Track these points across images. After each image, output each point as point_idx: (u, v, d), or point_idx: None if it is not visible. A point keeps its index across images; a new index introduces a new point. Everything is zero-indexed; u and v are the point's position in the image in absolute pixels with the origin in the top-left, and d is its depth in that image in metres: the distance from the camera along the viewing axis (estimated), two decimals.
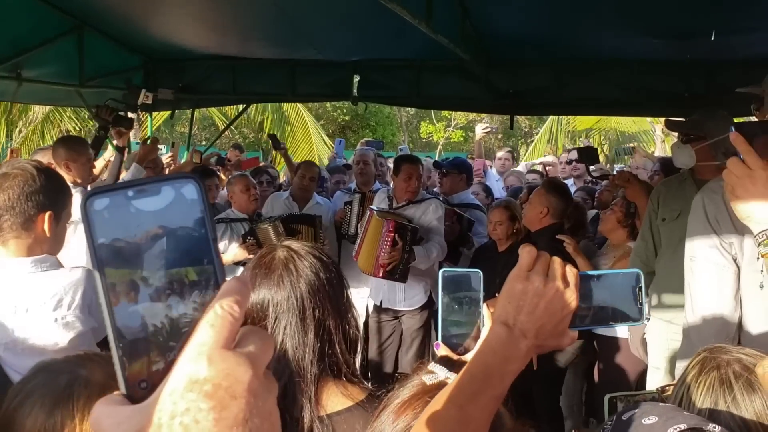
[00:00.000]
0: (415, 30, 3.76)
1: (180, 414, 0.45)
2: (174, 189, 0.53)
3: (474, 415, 0.92)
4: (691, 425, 0.99)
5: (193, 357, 0.47)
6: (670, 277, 3.42)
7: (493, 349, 0.94)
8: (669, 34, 4.31)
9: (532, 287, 0.94)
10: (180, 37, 5.33)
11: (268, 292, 1.51)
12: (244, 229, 4.61)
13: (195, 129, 15.30)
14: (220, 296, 0.50)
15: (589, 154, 4.71)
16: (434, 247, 4.49)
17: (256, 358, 0.49)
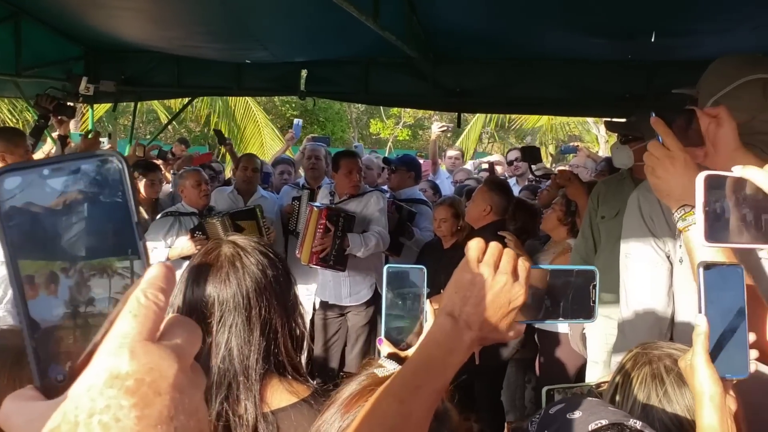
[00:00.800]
0: (363, 27, 3.76)
1: (99, 412, 0.42)
2: (94, 167, 0.49)
3: (415, 408, 0.90)
4: (612, 421, 1.01)
5: (114, 350, 0.44)
6: (609, 274, 3.46)
7: (437, 341, 0.93)
8: (611, 35, 4.41)
9: (480, 278, 0.92)
10: (122, 30, 5.20)
11: (214, 289, 1.49)
12: (193, 223, 4.56)
13: (139, 122, 14.99)
14: (144, 284, 0.47)
15: (532, 154, 4.79)
16: (372, 236, 4.50)
17: (183, 351, 0.47)
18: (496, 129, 20.36)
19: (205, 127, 17.55)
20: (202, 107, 15.76)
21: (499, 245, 0.96)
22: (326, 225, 4.38)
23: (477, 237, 0.97)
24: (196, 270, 1.53)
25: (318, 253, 4.42)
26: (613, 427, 1.01)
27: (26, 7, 4.84)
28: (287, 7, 4.36)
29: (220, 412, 1.43)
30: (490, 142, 22.93)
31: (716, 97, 1.94)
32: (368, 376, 1.14)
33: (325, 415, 1.13)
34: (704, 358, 1.15)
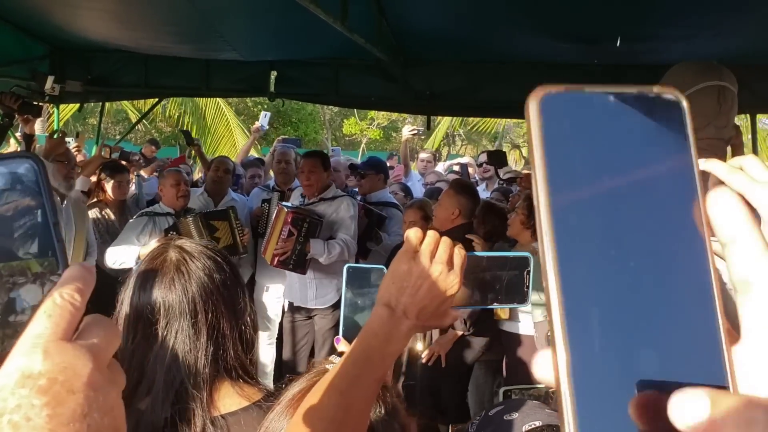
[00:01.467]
0: (333, 28, 3.75)
1: (10, 411, 0.42)
2: (8, 169, 0.49)
3: (355, 399, 0.92)
4: (546, 422, 1.03)
5: (27, 350, 0.44)
6: None
7: (375, 331, 0.94)
8: (577, 39, 4.46)
9: (416, 269, 0.94)
10: (89, 29, 5.13)
11: (160, 294, 1.48)
12: (168, 223, 4.53)
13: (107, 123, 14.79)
14: (61, 284, 0.47)
15: (498, 158, 4.82)
16: (338, 244, 4.50)
17: (99, 350, 0.47)
18: (464, 130, 20.50)
19: (175, 127, 17.39)
20: (172, 108, 15.62)
21: (436, 234, 0.98)
22: (290, 229, 4.40)
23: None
24: (142, 275, 1.52)
25: (279, 255, 4.44)
26: (547, 429, 1.02)
27: None
28: (255, 8, 4.34)
29: (167, 418, 1.42)
30: (463, 144, 23.07)
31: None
32: (317, 374, 1.14)
33: (272, 414, 1.13)
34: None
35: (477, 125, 17.84)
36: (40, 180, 0.49)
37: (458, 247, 0.98)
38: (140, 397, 1.46)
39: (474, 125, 17.84)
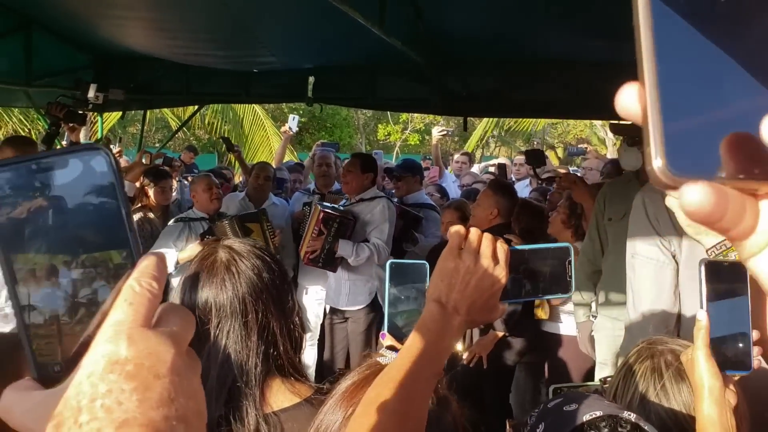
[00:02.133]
0: (370, 32, 3.77)
1: (101, 396, 0.43)
2: (82, 161, 0.49)
3: (415, 392, 0.94)
4: (607, 413, 1.03)
5: (112, 337, 0.46)
6: (616, 276, 3.50)
7: (428, 327, 0.97)
8: (615, 36, 4.40)
9: (463, 265, 0.98)
10: (131, 38, 5.24)
11: (211, 295, 1.51)
12: (203, 228, 4.59)
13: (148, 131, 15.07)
14: (137, 273, 0.48)
15: (536, 157, 4.79)
16: (367, 248, 4.55)
17: (178, 337, 0.48)
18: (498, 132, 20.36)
19: (213, 134, 17.61)
20: (210, 116, 15.83)
21: (478, 231, 1.01)
22: (320, 228, 4.48)
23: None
24: (192, 276, 1.55)
25: (309, 253, 4.53)
26: (607, 419, 1.02)
27: (36, 17, 4.89)
28: (294, 14, 4.39)
29: (221, 417, 1.45)
30: (497, 146, 22.93)
31: None
32: (369, 366, 1.16)
33: (325, 408, 1.15)
34: (704, 353, 1.16)
35: (511, 126, 17.70)
36: (112, 171, 0.50)
37: (500, 241, 1.02)
38: None
39: (508, 126, 17.70)
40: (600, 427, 1.02)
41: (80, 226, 0.49)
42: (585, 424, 1.03)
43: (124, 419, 0.43)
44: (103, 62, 5.82)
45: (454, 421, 1.14)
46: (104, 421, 0.43)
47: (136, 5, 4.43)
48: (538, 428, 1.09)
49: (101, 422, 0.43)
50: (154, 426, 0.43)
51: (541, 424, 1.09)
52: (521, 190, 6.20)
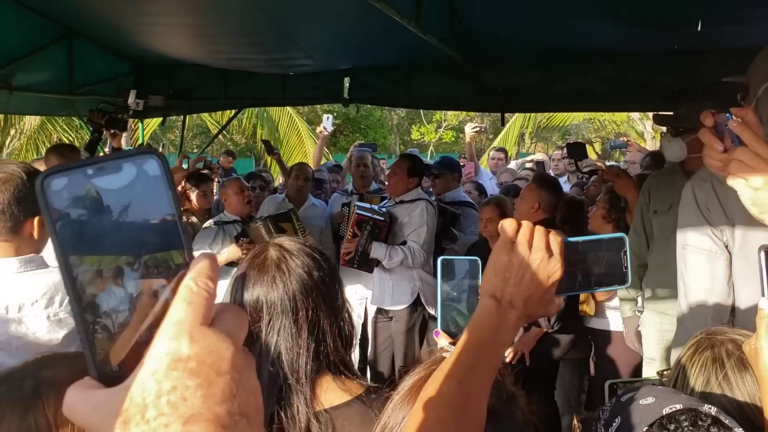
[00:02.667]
0: (405, 31, 3.77)
1: (166, 393, 0.45)
2: (135, 165, 0.51)
3: (473, 387, 0.94)
4: (687, 406, 1.00)
5: (173, 335, 0.47)
6: (663, 269, 3.44)
7: (484, 322, 0.96)
8: (655, 25, 4.33)
9: (517, 258, 0.96)
10: (170, 45, 5.32)
11: (262, 293, 1.52)
12: (236, 230, 4.64)
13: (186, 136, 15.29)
14: (193, 273, 0.50)
15: (578, 150, 4.73)
16: (402, 251, 4.56)
17: (235, 335, 0.49)
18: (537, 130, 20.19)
19: (250, 139, 17.81)
20: (246, 120, 16.00)
21: (530, 224, 0.99)
22: (354, 230, 4.52)
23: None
24: (243, 275, 1.56)
25: (344, 255, 4.58)
26: (687, 412, 1.00)
27: (77, 27, 4.99)
28: (329, 15, 4.40)
29: (272, 415, 1.45)
30: (533, 142, 22.73)
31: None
32: (434, 362, 1.16)
33: (391, 405, 1.15)
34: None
35: (547, 122, 17.51)
36: (164, 173, 0.51)
37: (553, 233, 0.99)
38: None
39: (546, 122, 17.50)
40: (680, 420, 1.00)
41: (135, 229, 0.51)
42: (664, 418, 1.00)
43: (190, 414, 0.44)
44: (142, 69, 5.92)
45: (523, 417, 1.13)
46: (171, 416, 0.44)
47: (175, 12, 4.50)
48: (614, 422, 1.07)
49: (168, 418, 0.44)
50: (220, 421, 0.44)
51: (616, 418, 1.07)
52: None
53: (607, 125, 19.30)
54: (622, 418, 1.06)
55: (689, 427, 0.99)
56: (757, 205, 1.25)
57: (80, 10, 4.67)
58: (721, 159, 1.25)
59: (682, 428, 0.99)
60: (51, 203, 0.48)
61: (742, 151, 1.23)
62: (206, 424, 0.44)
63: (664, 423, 1.01)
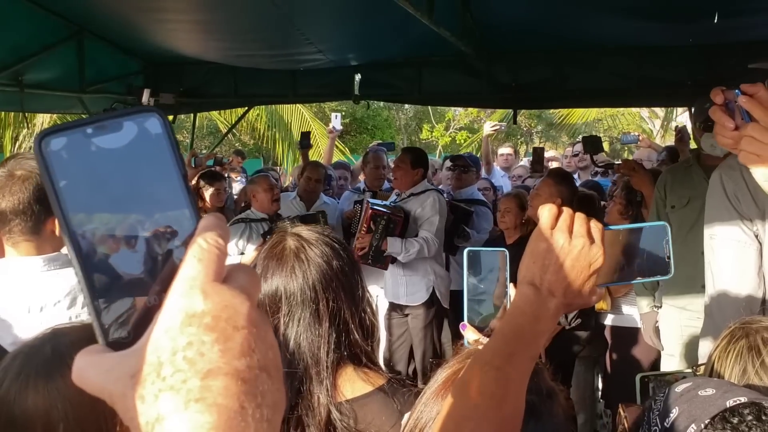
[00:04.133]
0: (416, 26, 3.74)
1: (182, 349, 0.43)
2: (136, 124, 0.49)
3: (512, 375, 0.90)
4: (751, 399, 0.96)
5: (186, 291, 0.45)
6: (682, 264, 3.38)
7: (522, 310, 0.93)
8: (670, 18, 4.28)
9: (556, 245, 0.92)
10: (180, 43, 5.31)
11: (281, 282, 1.49)
12: (263, 229, 4.61)
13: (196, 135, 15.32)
14: (201, 231, 0.48)
15: (594, 143, 4.69)
16: (417, 242, 4.52)
17: (249, 291, 0.48)
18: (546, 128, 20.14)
19: (259, 140, 17.81)
20: (257, 121, 16.00)
21: (569, 210, 0.95)
22: (369, 226, 4.47)
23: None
24: (262, 265, 1.54)
25: (358, 250, 4.51)
26: (751, 406, 0.96)
27: (88, 25, 4.99)
28: (340, 10, 4.38)
29: (293, 406, 1.43)
30: (541, 141, 22.66)
31: None
32: (468, 355, 1.12)
33: (423, 398, 1.12)
34: None
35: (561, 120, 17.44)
36: (166, 131, 0.50)
37: (594, 220, 0.95)
38: None
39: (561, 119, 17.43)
40: (744, 414, 0.96)
41: (140, 188, 0.49)
42: (727, 411, 0.97)
43: (208, 369, 0.43)
44: (153, 68, 5.91)
45: (564, 414, 1.10)
46: (189, 372, 0.43)
47: (185, 9, 4.49)
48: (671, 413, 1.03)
49: (186, 374, 0.42)
50: (239, 375, 0.43)
51: (674, 409, 1.03)
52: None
53: (618, 124, 19.22)
54: (680, 409, 1.02)
55: (753, 421, 0.95)
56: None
57: (91, 8, 4.67)
58: (732, 136, 1.23)
59: (746, 422, 0.96)
60: (50, 163, 0.47)
61: (753, 127, 1.21)
62: (225, 378, 0.43)
63: (726, 416, 0.97)
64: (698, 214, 2.70)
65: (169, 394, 0.42)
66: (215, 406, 0.42)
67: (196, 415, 0.42)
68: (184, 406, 0.42)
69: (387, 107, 22.15)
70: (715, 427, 0.97)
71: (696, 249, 2.60)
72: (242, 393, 0.43)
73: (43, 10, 4.56)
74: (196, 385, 0.42)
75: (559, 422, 1.08)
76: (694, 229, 3.07)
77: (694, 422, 0.98)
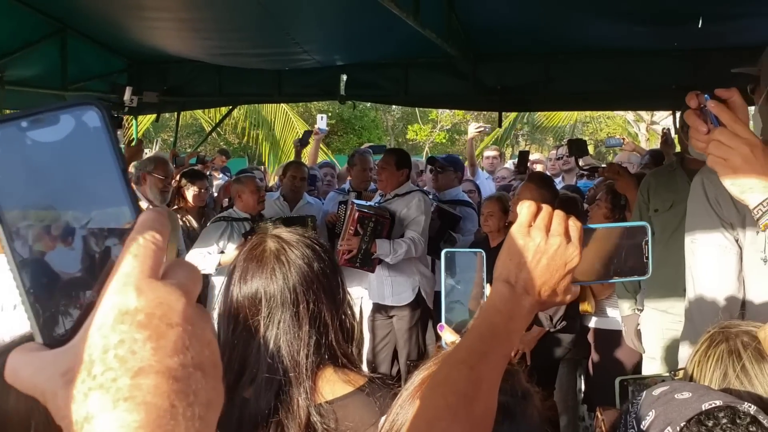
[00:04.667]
0: (402, 27, 3.73)
1: (113, 347, 0.43)
2: (74, 117, 0.48)
3: (485, 373, 0.90)
4: (726, 403, 0.97)
5: (120, 288, 0.45)
6: (664, 268, 3.40)
7: (497, 308, 0.92)
8: (655, 22, 4.30)
9: (533, 243, 0.92)
10: (164, 41, 5.28)
11: (261, 284, 1.48)
12: (245, 228, 4.59)
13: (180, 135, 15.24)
14: (139, 227, 0.47)
15: (579, 146, 4.70)
16: (404, 242, 4.49)
17: (187, 287, 0.47)
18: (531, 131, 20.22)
19: (242, 138, 17.74)
20: (241, 119, 15.94)
21: (548, 208, 0.95)
22: (356, 228, 4.43)
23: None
24: (242, 267, 1.52)
25: (345, 253, 4.46)
26: (726, 410, 0.96)
27: (71, 23, 4.94)
28: (326, 10, 4.37)
29: (272, 408, 1.42)
30: (527, 144, 22.75)
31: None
32: (442, 357, 1.11)
33: (400, 401, 1.11)
34: None
35: (546, 121, 17.51)
36: (105, 125, 0.48)
37: (572, 219, 0.95)
38: (244, 387, 1.46)
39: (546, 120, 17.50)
40: (719, 417, 0.97)
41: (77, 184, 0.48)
42: (703, 414, 0.98)
43: (139, 367, 0.42)
44: (137, 66, 5.88)
45: (539, 416, 1.09)
46: (119, 370, 0.42)
47: (170, 6, 4.46)
48: (648, 416, 1.03)
49: (116, 372, 0.42)
50: (171, 373, 0.43)
51: (650, 412, 1.03)
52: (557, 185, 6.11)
53: (604, 128, 19.35)
54: (657, 412, 1.02)
55: (728, 424, 0.96)
56: (737, 185, 1.27)
57: (74, 5, 4.64)
58: (705, 140, 1.26)
59: (720, 425, 0.96)
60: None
61: (720, 131, 1.25)
62: (156, 377, 0.42)
63: (702, 419, 0.98)
64: (681, 218, 2.71)
65: (99, 393, 0.42)
66: (144, 404, 0.42)
67: (123, 414, 0.41)
68: (113, 405, 0.42)
69: (374, 108, 22.14)
70: (690, 430, 0.97)
71: (678, 253, 2.60)
72: (173, 391, 0.43)
73: (25, 6, 4.53)
74: (126, 384, 0.42)
75: (533, 424, 1.08)
76: (677, 232, 3.08)
77: (669, 425, 0.98)
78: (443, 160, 5.66)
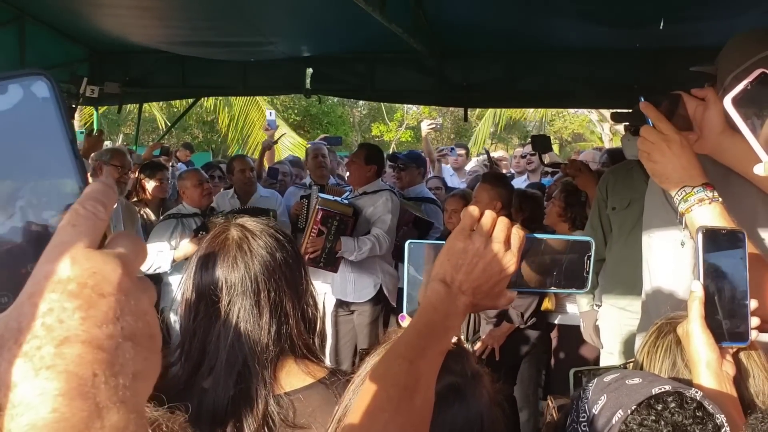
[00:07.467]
0: (369, 20, 3.72)
1: (42, 315, 0.43)
2: (22, 87, 0.47)
3: (423, 368, 0.94)
4: (675, 388, 1.01)
5: (54, 257, 0.45)
6: (623, 265, 3.46)
7: (434, 306, 0.96)
8: (618, 23, 4.37)
9: (472, 247, 0.96)
10: (127, 30, 5.18)
11: (222, 273, 1.47)
12: (196, 223, 4.54)
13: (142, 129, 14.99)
14: (82, 198, 0.47)
15: (543, 143, 4.74)
16: (369, 240, 4.48)
17: (126, 258, 0.47)
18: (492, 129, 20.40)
19: (209, 132, 17.56)
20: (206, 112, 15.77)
21: (493, 214, 0.98)
22: (319, 228, 4.40)
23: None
24: (204, 254, 1.51)
25: (309, 253, 4.41)
26: (674, 394, 1.00)
27: (30, 10, 4.82)
28: (293, 1, 4.34)
29: (230, 397, 1.42)
30: (493, 142, 22.93)
31: (736, 73, 1.88)
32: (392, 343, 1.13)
33: (353, 386, 1.12)
34: (699, 324, 1.17)
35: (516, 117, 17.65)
36: (54, 95, 0.48)
37: (516, 227, 0.99)
38: (203, 376, 1.45)
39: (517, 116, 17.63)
40: (667, 401, 1.00)
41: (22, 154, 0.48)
42: (653, 398, 1.01)
43: (65, 336, 0.43)
44: (98, 55, 5.77)
45: (488, 396, 1.11)
46: (44, 339, 0.42)
47: None
48: (599, 401, 1.06)
49: (41, 340, 0.42)
50: (97, 343, 0.43)
51: (602, 397, 1.06)
52: (519, 185, 6.16)
53: (569, 126, 19.58)
54: (608, 397, 1.05)
55: (676, 408, 0.99)
56: (657, 176, 1.43)
57: None
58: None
59: (669, 409, 0.99)
60: None
61: (644, 128, 1.43)
62: (81, 346, 0.43)
63: (651, 403, 1.00)
64: (639, 216, 2.75)
65: (22, 360, 0.42)
66: (65, 373, 0.42)
67: (44, 382, 0.42)
68: (35, 374, 0.42)
69: (341, 103, 22.10)
70: (640, 413, 1.00)
71: (636, 251, 2.64)
72: (97, 361, 0.43)
73: None
74: (50, 353, 0.42)
75: (483, 404, 1.10)
76: (635, 230, 3.12)
77: (620, 408, 1.01)
78: (405, 157, 5.68)
